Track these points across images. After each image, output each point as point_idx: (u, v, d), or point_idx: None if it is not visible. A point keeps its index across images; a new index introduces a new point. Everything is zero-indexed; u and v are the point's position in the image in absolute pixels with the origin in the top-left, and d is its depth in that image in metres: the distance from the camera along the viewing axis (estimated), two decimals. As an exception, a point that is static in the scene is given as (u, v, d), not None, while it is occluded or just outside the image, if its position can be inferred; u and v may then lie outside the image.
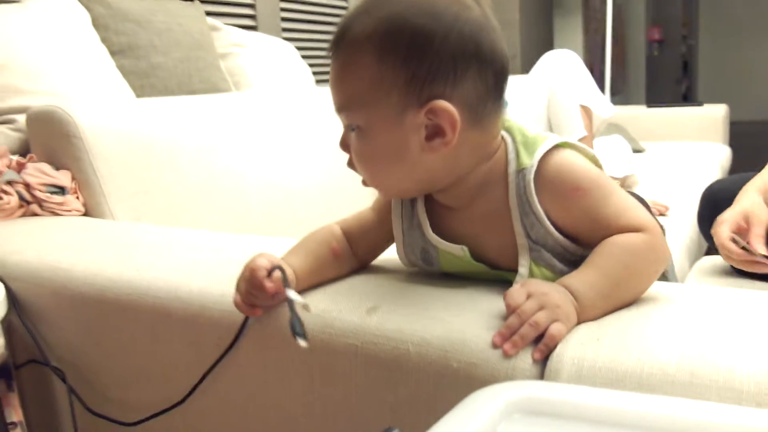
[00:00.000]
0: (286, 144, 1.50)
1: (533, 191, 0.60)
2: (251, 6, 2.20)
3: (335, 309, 0.63)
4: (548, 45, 3.98)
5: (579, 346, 0.53)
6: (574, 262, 0.61)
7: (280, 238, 0.82)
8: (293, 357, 0.64)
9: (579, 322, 0.56)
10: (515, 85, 2.07)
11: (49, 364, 0.82)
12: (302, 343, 0.58)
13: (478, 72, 0.57)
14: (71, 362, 0.83)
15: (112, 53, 1.51)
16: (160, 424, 0.75)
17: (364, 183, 0.64)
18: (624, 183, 1.95)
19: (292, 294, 0.60)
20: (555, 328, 0.53)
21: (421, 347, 0.57)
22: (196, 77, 1.66)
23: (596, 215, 0.59)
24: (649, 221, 0.59)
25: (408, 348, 0.58)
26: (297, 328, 0.58)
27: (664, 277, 0.82)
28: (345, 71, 0.59)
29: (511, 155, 0.62)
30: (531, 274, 0.62)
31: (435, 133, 0.58)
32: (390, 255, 0.73)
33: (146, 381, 0.77)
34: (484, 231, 0.64)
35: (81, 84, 1.37)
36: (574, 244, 0.61)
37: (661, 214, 1.63)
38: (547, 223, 0.60)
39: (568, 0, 4.25)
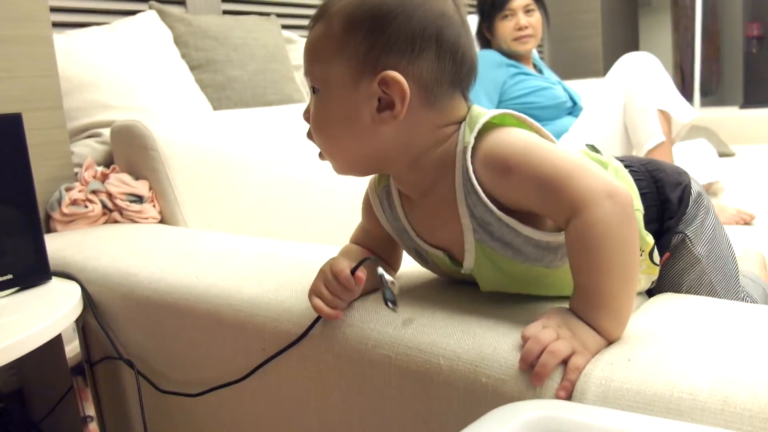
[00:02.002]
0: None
1: (470, 168, 0.59)
2: (326, 17, 2.25)
3: (372, 320, 0.65)
4: (633, 45, 3.83)
5: (608, 366, 0.51)
6: (536, 244, 0.60)
7: (329, 246, 0.85)
8: (331, 369, 0.66)
9: (609, 343, 0.55)
10: (592, 89, 2.02)
11: (121, 357, 0.88)
12: (393, 308, 0.61)
13: (436, 54, 0.60)
14: (139, 358, 0.89)
15: (192, 68, 1.60)
16: (217, 403, 0.79)
17: (321, 156, 0.67)
18: (709, 190, 1.85)
19: (382, 271, 0.63)
20: (574, 363, 0.52)
21: (452, 361, 0.58)
22: (270, 89, 1.73)
23: (538, 183, 0.56)
24: (600, 180, 0.55)
25: (439, 361, 0.58)
26: (388, 296, 0.61)
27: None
28: (316, 38, 0.63)
29: (461, 136, 0.62)
30: (477, 260, 0.62)
31: (386, 106, 0.60)
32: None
33: (206, 370, 0.81)
34: (440, 220, 0.63)
35: (163, 98, 1.46)
36: (527, 226, 0.59)
37: (746, 223, 1.54)
38: (485, 199, 0.59)
39: (656, -3, 4.08)
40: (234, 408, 0.79)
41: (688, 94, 3.28)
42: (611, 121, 1.77)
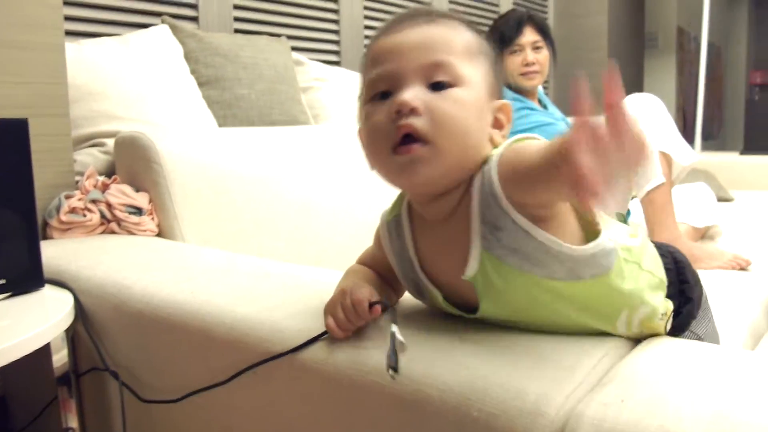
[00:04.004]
0: (355, 176, 1.53)
1: (495, 174, 0.59)
2: (335, 42, 2.29)
3: (365, 345, 0.64)
4: (638, 85, 3.87)
5: (601, 406, 0.51)
6: (546, 251, 0.58)
7: (327, 270, 0.85)
8: (321, 392, 0.65)
9: None
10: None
11: (107, 369, 0.87)
12: (393, 376, 0.59)
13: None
14: (127, 371, 0.88)
15: (200, 84, 1.61)
16: (203, 416, 0.78)
17: (413, 152, 0.58)
18: (706, 234, 1.86)
19: (395, 330, 0.61)
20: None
21: (444, 392, 0.57)
22: (277, 109, 1.74)
23: (523, 154, 0.57)
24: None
25: (431, 392, 0.58)
26: (393, 362, 0.59)
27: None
28: (457, 35, 0.63)
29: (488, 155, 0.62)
30: (481, 268, 0.60)
31: (496, 125, 0.63)
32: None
33: (195, 387, 0.80)
34: (452, 246, 0.62)
35: (170, 112, 1.46)
36: (544, 231, 0.57)
37: (742, 269, 1.54)
38: (504, 200, 0.58)
39: (662, 39, 4.13)
40: (221, 421, 0.78)
41: (689, 138, 3.30)
42: (613, 160, 1.77)
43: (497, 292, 0.61)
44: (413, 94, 0.59)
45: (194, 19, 1.83)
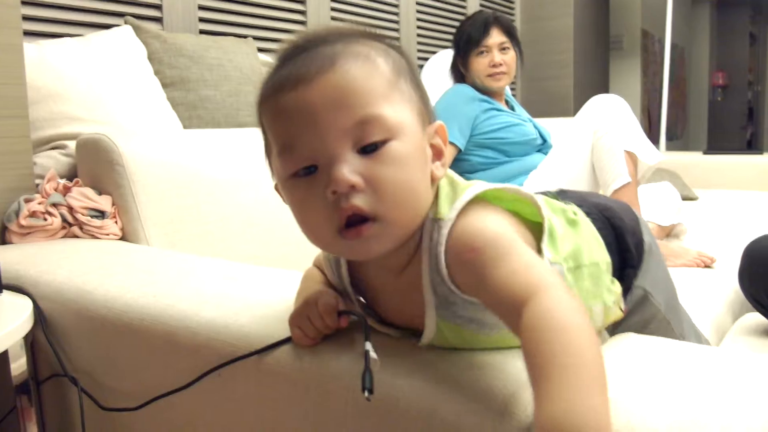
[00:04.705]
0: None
1: (442, 248, 0.53)
2: (304, 43, 2.27)
3: (333, 348, 0.63)
4: (603, 87, 3.93)
5: (567, 404, 0.51)
6: (499, 322, 0.52)
7: (294, 271, 0.84)
8: (287, 397, 0.64)
9: None
10: (561, 128, 2.05)
11: (66, 374, 0.85)
12: (369, 398, 0.54)
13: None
14: (89, 377, 0.86)
15: (164, 85, 1.59)
16: (167, 424, 0.76)
17: (361, 233, 0.52)
18: (671, 232, 1.89)
19: (369, 348, 0.57)
20: None
21: (411, 394, 0.56)
22: (243, 111, 1.72)
23: (482, 276, 0.50)
24: (544, 277, 0.48)
25: (398, 394, 0.57)
26: (367, 383, 0.54)
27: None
28: (367, 77, 0.52)
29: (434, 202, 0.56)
30: (438, 332, 0.57)
31: (435, 155, 0.56)
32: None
33: (159, 393, 0.78)
34: (408, 300, 0.58)
35: (133, 114, 1.44)
36: None
37: (707, 266, 1.57)
38: (449, 282, 0.54)
39: (627, 41, 4.20)
40: (184, 428, 0.76)
41: (654, 138, 3.36)
42: (579, 161, 1.79)
43: (454, 343, 0.60)
44: (347, 168, 0.51)
45: (158, 19, 1.79)
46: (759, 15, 7.15)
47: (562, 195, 0.71)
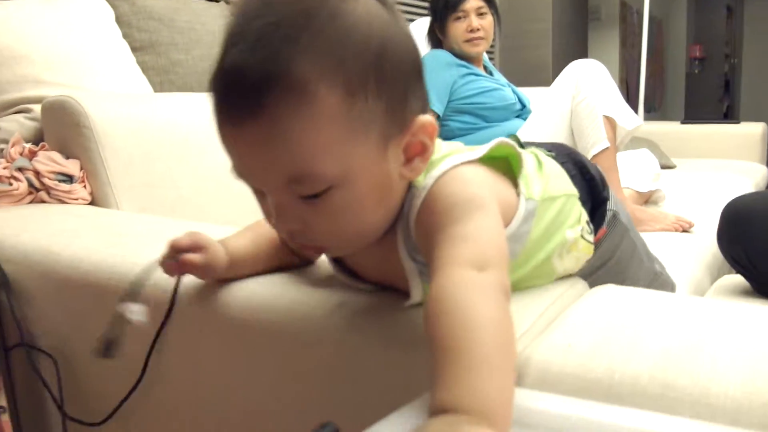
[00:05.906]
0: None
1: (413, 216, 0.52)
2: (279, 8, 2.21)
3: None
4: (581, 56, 3.92)
5: (547, 350, 0.50)
6: None
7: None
8: (230, 342, 0.64)
9: None
10: (539, 95, 2.03)
11: (28, 345, 0.82)
12: (98, 356, 0.51)
13: (418, 78, 0.52)
14: (57, 339, 0.83)
15: (134, 49, 1.53)
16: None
17: (318, 252, 0.55)
18: (650, 198, 1.89)
19: (124, 309, 0.54)
20: None
21: (389, 343, 0.55)
22: (216, 76, 1.68)
23: (433, 239, 0.48)
24: (483, 255, 0.45)
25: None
26: (112, 348, 0.50)
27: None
28: (290, 126, 0.45)
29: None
30: (425, 293, 0.55)
31: (415, 153, 0.51)
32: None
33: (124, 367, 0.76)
34: (385, 262, 0.57)
35: (101, 77, 1.39)
36: None
37: (685, 231, 1.57)
38: (418, 249, 0.53)
39: (605, 12, 4.19)
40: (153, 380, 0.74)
41: (632, 109, 3.37)
42: (558, 126, 1.78)
43: None
44: (284, 217, 0.49)
45: (127, -19, 1.73)
46: (736, -12, 7.18)
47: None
